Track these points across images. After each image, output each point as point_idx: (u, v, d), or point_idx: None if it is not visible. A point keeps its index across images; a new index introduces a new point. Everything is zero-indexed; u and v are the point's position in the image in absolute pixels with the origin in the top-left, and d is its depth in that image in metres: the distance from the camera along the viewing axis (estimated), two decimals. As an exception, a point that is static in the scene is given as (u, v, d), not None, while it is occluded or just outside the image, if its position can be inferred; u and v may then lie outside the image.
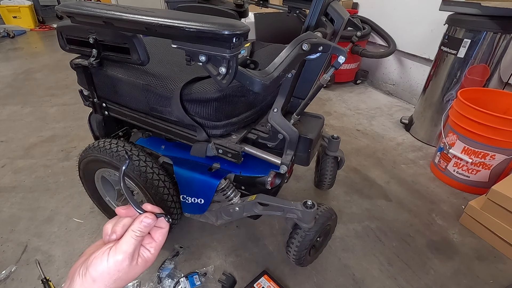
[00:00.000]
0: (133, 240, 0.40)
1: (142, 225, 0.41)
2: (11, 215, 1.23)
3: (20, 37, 4.16)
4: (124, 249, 0.39)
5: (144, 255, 0.42)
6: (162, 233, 0.45)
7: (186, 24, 0.50)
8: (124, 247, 0.39)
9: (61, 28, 0.83)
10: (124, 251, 0.39)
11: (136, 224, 0.41)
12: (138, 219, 0.42)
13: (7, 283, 0.98)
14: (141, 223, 0.42)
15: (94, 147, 0.92)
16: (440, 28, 1.71)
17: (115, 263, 0.38)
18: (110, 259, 0.38)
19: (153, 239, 0.44)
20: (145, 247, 0.43)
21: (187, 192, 0.92)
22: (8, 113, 2.04)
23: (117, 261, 0.38)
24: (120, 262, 0.38)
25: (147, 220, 0.42)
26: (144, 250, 0.43)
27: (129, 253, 0.39)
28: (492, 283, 1.02)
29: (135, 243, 0.40)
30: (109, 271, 0.38)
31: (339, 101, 2.33)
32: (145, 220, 0.42)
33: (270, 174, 0.88)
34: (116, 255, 0.39)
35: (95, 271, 0.38)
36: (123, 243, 0.40)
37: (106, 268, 0.38)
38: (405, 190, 1.42)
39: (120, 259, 0.38)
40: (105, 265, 0.38)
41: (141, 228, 0.41)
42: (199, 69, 0.83)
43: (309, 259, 1.00)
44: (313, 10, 0.78)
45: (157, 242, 0.44)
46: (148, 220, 0.42)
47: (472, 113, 1.26)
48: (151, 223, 0.42)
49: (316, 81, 0.85)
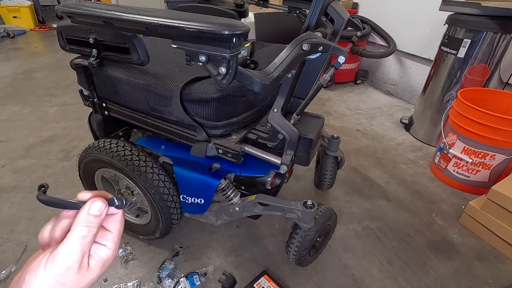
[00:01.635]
0: (78, 242, 0.30)
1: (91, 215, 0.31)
2: (11, 215, 1.23)
3: (20, 37, 4.15)
4: (65, 256, 0.29)
5: (98, 254, 0.32)
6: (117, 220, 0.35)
7: (186, 24, 0.50)
8: (66, 253, 0.29)
9: (61, 28, 0.83)
10: (66, 258, 0.29)
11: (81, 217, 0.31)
12: (82, 210, 0.32)
13: (7, 283, 0.98)
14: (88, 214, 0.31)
15: (94, 147, 0.92)
16: (440, 28, 1.71)
17: (55, 277, 0.28)
18: (47, 273, 0.28)
19: (107, 230, 0.34)
20: (98, 242, 0.33)
21: (187, 192, 0.92)
22: (8, 113, 2.04)
23: (57, 274, 0.28)
24: (62, 275, 0.29)
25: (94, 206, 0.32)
26: (98, 248, 0.32)
27: (73, 261, 0.29)
28: (492, 283, 1.02)
29: (81, 247, 0.30)
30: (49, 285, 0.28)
31: (339, 101, 2.33)
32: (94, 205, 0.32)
33: (270, 174, 0.88)
34: (55, 266, 0.28)
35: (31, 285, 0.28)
36: (62, 249, 0.29)
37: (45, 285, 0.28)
38: (405, 190, 1.42)
39: (61, 271, 0.29)
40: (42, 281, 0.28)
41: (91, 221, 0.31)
42: (199, 69, 0.83)
43: (309, 259, 1.00)
44: (313, 10, 0.78)
45: (113, 232, 0.34)
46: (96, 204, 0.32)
47: (472, 113, 1.26)
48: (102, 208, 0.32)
49: (316, 81, 0.85)
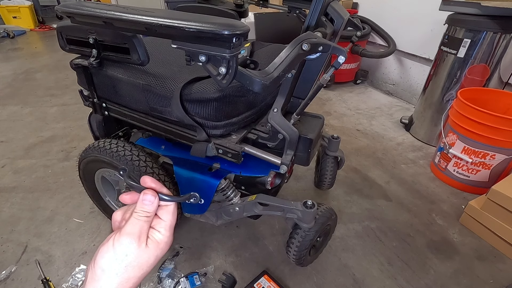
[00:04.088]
0: (136, 220, 0.38)
1: (143, 203, 0.39)
2: (11, 215, 1.23)
3: (20, 37, 4.15)
4: (127, 231, 0.37)
5: (154, 236, 0.39)
6: (169, 211, 0.41)
7: (186, 24, 0.50)
8: (128, 229, 0.37)
9: (61, 28, 0.83)
10: (128, 232, 0.37)
11: (138, 203, 0.39)
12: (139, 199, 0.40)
13: (7, 283, 0.98)
14: (141, 202, 0.39)
15: (94, 147, 0.92)
16: (440, 28, 1.71)
17: (120, 246, 0.36)
18: (115, 244, 0.36)
19: (161, 219, 0.41)
20: (155, 228, 0.40)
21: (187, 192, 0.91)
22: (8, 113, 2.04)
23: (121, 244, 0.36)
24: (126, 245, 0.36)
25: (146, 197, 0.39)
26: (153, 232, 0.40)
27: (133, 234, 0.37)
28: (492, 283, 1.02)
29: (139, 223, 0.38)
30: (116, 256, 0.36)
31: (339, 101, 2.33)
32: (144, 197, 0.39)
33: (270, 174, 0.88)
34: (121, 238, 0.36)
35: (102, 258, 0.36)
36: (126, 225, 0.38)
37: (113, 254, 0.36)
38: (405, 190, 1.42)
39: (126, 241, 0.36)
40: (111, 251, 0.36)
41: (143, 207, 0.39)
42: (199, 69, 0.83)
43: (309, 259, 1.00)
44: (313, 10, 0.78)
45: (166, 221, 0.41)
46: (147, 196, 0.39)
47: (472, 113, 1.26)
48: (152, 199, 0.39)
49: (316, 81, 0.85)
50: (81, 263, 1.04)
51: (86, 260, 1.05)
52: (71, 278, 0.99)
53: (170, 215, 0.41)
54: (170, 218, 0.41)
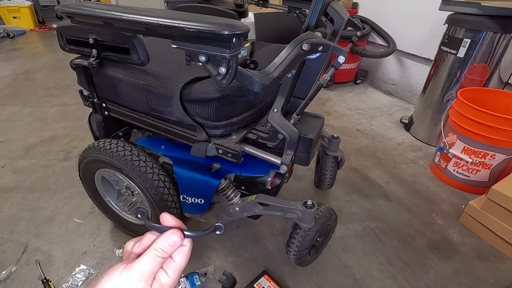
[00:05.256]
0: (152, 260, 0.33)
1: (167, 243, 0.34)
2: (11, 215, 1.23)
3: (20, 37, 4.15)
4: (139, 269, 0.33)
5: (160, 278, 0.35)
6: (183, 252, 0.36)
7: (186, 24, 0.50)
8: (140, 267, 0.33)
9: (61, 28, 0.83)
10: (139, 271, 0.33)
11: (159, 241, 0.35)
12: (163, 235, 0.35)
13: (7, 283, 0.98)
14: (166, 240, 0.34)
15: (94, 147, 0.92)
16: (440, 28, 1.71)
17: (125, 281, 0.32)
18: (122, 275, 0.32)
19: (172, 259, 0.36)
20: (163, 268, 0.36)
21: (187, 192, 0.92)
22: (8, 113, 2.04)
23: (127, 280, 0.32)
24: (132, 284, 0.32)
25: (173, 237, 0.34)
26: (161, 273, 0.35)
27: (143, 275, 0.33)
28: (492, 283, 1.02)
29: (153, 264, 0.33)
30: None
31: (339, 101, 2.33)
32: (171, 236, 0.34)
33: (270, 174, 0.88)
34: (130, 273, 0.32)
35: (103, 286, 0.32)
36: (139, 261, 0.33)
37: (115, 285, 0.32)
38: (405, 190, 1.42)
39: (133, 279, 0.32)
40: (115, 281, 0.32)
41: (165, 247, 0.34)
42: (199, 69, 0.83)
43: (309, 259, 1.00)
44: (313, 10, 0.78)
45: (176, 263, 0.36)
46: (174, 236, 0.34)
47: (472, 113, 1.26)
48: (178, 241, 0.35)
49: (316, 81, 0.85)
50: (81, 263, 1.04)
51: (86, 260, 1.05)
52: (71, 278, 0.99)
53: (183, 256, 0.37)
54: (182, 260, 0.37)
